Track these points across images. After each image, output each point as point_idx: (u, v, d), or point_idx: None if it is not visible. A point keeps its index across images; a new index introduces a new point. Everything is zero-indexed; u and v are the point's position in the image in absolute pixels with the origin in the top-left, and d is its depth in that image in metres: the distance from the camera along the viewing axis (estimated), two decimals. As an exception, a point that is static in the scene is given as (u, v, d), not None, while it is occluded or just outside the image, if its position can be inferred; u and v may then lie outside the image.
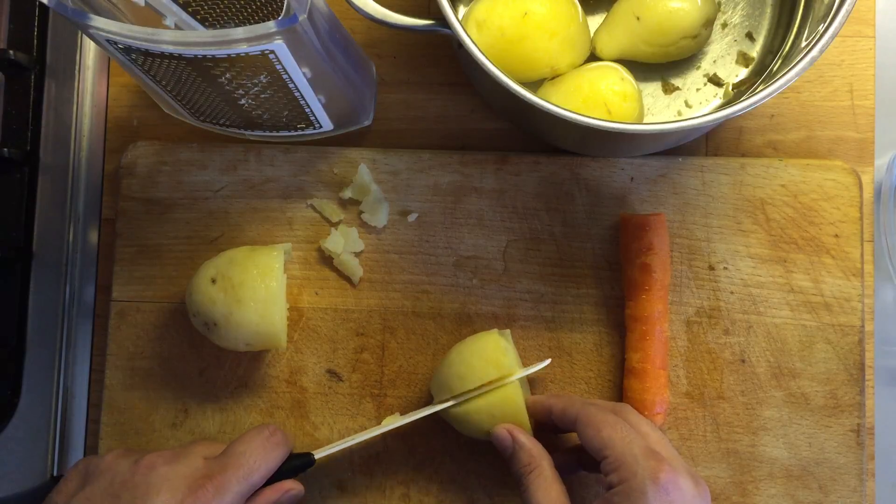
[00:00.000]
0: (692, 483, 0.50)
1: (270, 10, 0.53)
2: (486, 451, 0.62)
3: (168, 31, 0.46)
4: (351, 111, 0.62)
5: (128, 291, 0.64)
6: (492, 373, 0.56)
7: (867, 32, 0.66)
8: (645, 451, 0.50)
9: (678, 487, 0.49)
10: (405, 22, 0.56)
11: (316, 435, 0.62)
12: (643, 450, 0.50)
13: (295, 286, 0.64)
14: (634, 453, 0.50)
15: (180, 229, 0.64)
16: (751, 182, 0.63)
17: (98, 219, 0.67)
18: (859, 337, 0.62)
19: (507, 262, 0.63)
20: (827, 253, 0.63)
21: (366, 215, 0.64)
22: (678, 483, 0.49)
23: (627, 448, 0.50)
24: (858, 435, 0.61)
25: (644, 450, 0.50)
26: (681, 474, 0.49)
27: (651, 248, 0.60)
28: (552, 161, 0.64)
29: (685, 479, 0.50)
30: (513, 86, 0.52)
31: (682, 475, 0.50)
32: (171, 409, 0.63)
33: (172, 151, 0.65)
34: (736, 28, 0.65)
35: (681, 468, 0.50)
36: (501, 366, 0.56)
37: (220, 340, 0.59)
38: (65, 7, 0.46)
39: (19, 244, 0.65)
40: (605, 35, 0.62)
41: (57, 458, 0.64)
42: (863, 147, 0.65)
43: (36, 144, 0.67)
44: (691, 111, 0.64)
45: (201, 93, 0.55)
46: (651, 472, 0.49)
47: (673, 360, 0.62)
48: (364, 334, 0.63)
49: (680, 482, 0.49)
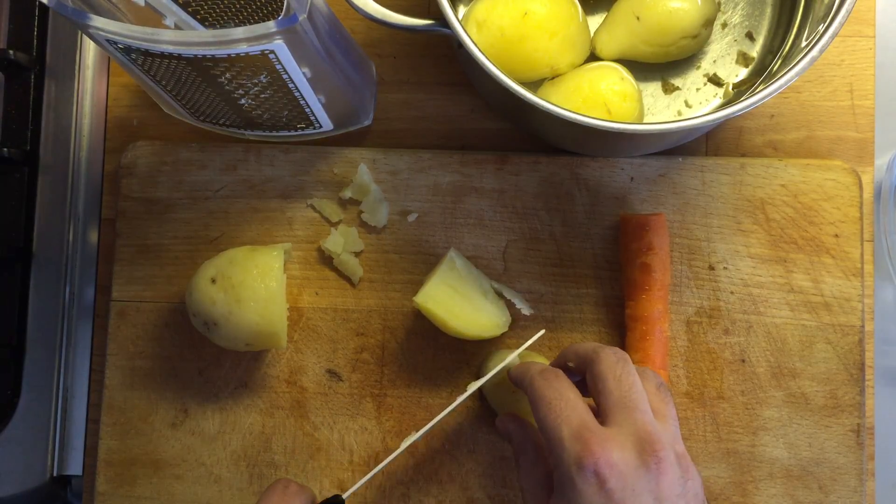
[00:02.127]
0: (634, 454, 0.44)
1: (270, 10, 0.53)
2: (486, 451, 0.62)
3: (168, 31, 0.46)
4: (351, 111, 0.62)
5: (128, 291, 0.64)
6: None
7: (867, 32, 0.66)
8: (573, 431, 0.45)
9: (609, 465, 0.43)
10: (405, 22, 0.56)
11: (316, 435, 0.62)
12: (571, 431, 0.45)
13: (295, 286, 0.64)
14: (562, 437, 0.45)
15: (180, 229, 0.64)
16: (751, 182, 0.63)
17: (98, 219, 0.67)
18: (859, 337, 0.62)
19: (507, 262, 0.63)
20: (827, 253, 0.63)
21: (366, 215, 0.64)
22: (609, 460, 0.43)
23: (556, 431, 0.46)
24: (858, 435, 0.61)
25: (573, 430, 0.45)
26: (613, 449, 0.44)
27: (651, 248, 0.60)
28: (552, 161, 0.64)
29: (621, 452, 0.44)
30: (513, 86, 0.52)
31: (617, 450, 0.44)
32: (171, 409, 0.63)
33: (172, 151, 0.65)
34: (736, 28, 0.65)
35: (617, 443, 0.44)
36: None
37: (220, 340, 0.59)
38: (65, 7, 0.46)
39: (19, 244, 0.65)
40: (605, 35, 0.62)
41: (57, 458, 0.64)
42: (863, 147, 0.65)
43: (36, 144, 0.67)
44: (691, 111, 0.64)
45: (201, 93, 0.55)
46: (576, 457, 0.44)
47: (673, 360, 0.62)
48: (364, 334, 0.63)
49: (613, 458, 0.44)
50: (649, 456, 0.44)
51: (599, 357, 0.49)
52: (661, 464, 0.44)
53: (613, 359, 0.49)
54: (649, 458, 0.44)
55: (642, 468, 0.44)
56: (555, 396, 0.48)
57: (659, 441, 0.45)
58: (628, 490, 0.43)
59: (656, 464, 0.44)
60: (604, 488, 0.43)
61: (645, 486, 0.44)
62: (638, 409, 0.46)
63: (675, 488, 0.44)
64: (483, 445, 0.62)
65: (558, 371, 0.50)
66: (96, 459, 0.62)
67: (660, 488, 0.44)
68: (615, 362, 0.49)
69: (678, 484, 0.45)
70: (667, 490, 0.44)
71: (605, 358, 0.49)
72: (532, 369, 0.51)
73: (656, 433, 0.45)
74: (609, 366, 0.48)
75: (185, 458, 0.62)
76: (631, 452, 0.44)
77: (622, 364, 0.49)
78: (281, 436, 0.62)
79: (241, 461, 0.62)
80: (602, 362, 0.49)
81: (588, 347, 0.51)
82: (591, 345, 0.51)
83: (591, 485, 0.43)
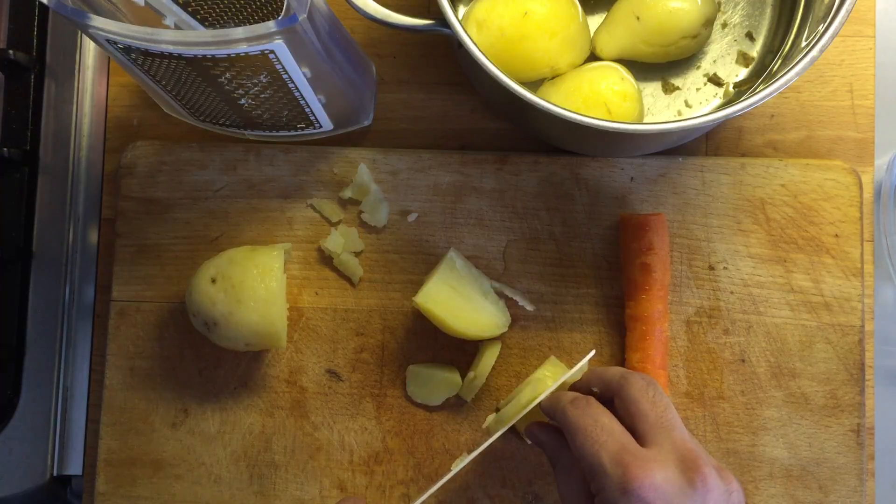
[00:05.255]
0: (678, 473, 0.45)
1: (270, 10, 0.53)
2: (486, 452, 0.62)
3: (168, 31, 0.46)
4: (351, 111, 0.62)
5: (128, 291, 0.64)
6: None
7: (867, 32, 0.66)
8: (613, 457, 0.45)
9: (654, 488, 0.44)
10: (405, 22, 0.56)
11: (316, 435, 0.62)
12: (612, 456, 0.45)
13: (295, 286, 0.64)
14: (602, 463, 0.45)
15: (180, 229, 0.64)
16: (751, 182, 0.63)
17: (98, 219, 0.67)
18: (859, 337, 0.62)
19: (507, 262, 0.63)
20: (827, 253, 0.63)
21: (366, 215, 0.64)
22: (654, 483, 0.44)
23: (596, 458, 0.46)
24: (858, 435, 0.61)
25: (613, 456, 0.45)
26: (657, 470, 0.44)
27: (651, 248, 0.60)
28: (552, 161, 0.64)
29: (665, 473, 0.44)
30: (513, 86, 0.52)
31: (660, 470, 0.44)
32: (171, 409, 0.63)
33: (172, 151, 0.65)
34: (736, 28, 0.65)
35: (659, 464, 0.45)
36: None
37: (220, 340, 0.59)
38: (65, 7, 0.46)
39: (19, 244, 0.65)
40: (605, 35, 0.62)
41: (57, 458, 0.64)
42: (863, 147, 0.65)
43: (36, 144, 0.67)
44: (691, 111, 0.64)
45: (201, 93, 0.55)
46: (619, 483, 0.44)
47: (673, 359, 0.62)
48: (364, 334, 0.63)
49: (656, 481, 0.44)
50: (694, 474, 0.44)
51: (629, 382, 0.50)
52: (707, 481, 0.44)
53: (643, 383, 0.49)
54: (695, 477, 0.44)
55: (688, 487, 0.44)
56: (590, 424, 0.48)
57: (701, 458, 0.45)
58: None
59: (702, 481, 0.44)
60: None
61: None
62: (676, 429, 0.47)
63: (720, 503, 0.45)
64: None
65: (590, 398, 0.50)
66: (96, 459, 0.62)
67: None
68: (646, 386, 0.49)
69: (723, 499, 0.45)
70: None
71: (636, 382, 0.49)
72: (563, 399, 0.51)
73: (697, 450, 0.46)
74: (641, 389, 0.49)
75: (185, 458, 0.62)
76: (675, 472, 0.45)
77: (653, 387, 0.49)
78: (281, 436, 0.62)
79: (241, 461, 0.62)
80: (633, 386, 0.49)
81: (615, 373, 0.51)
82: (618, 370, 0.52)
83: None
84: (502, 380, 0.62)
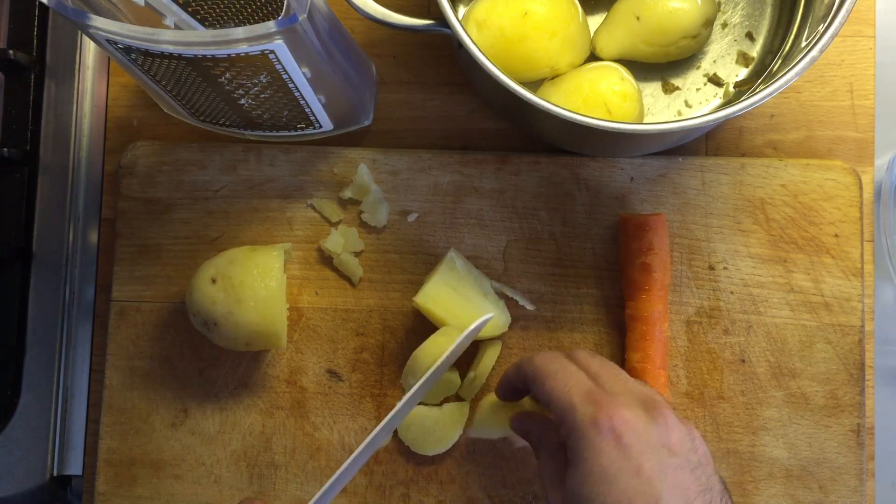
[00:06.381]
0: (642, 413, 0.46)
1: (270, 10, 0.53)
2: (486, 452, 0.62)
3: (168, 31, 0.46)
4: (351, 111, 0.62)
5: (128, 291, 0.64)
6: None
7: (867, 32, 0.66)
8: (584, 395, 0.47)
9: (625, 422, 0.45)
10: (405, 22, 0.56)
11: (316, 435, 0.62)
12: (582, 395, 0.47)
13: (295, 286, 0.64)
14: (573, 402, 0.47)
15: (180, 229, 0.64)
16: (751, 182, 0.63)
17: (98, 219, 0.67)
18: (859, 337, 0.62)
19: (507, 262, 0.63)
20: (827, 253, 0.63)
21: (366, 215, 0.64)
22: (623, 418, 0.45)
23: (566, 397, 0.47)
24: (858, 435, 0.61)
25: (583, 395, 0.47)
26: (624, 408, 0.45)
27: (651, 248, 0.60)
28: (552, 161, 0.64)
29: (632, 411, 0.45)
30: (513, 86, 0.52)
31: (627, 408, 0.45)
32: (171, 409, 0.63)
33: (172, 151, 0.65)
34: (736, 28, 0.65)
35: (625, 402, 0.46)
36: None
37: (220, 340, 0.59)
38: (65, 7, 0.46)
39: (19, 244, 0.65)
40: (605, 35, 0.62)
41: (57, 458, 0.64)
42: (863, 147, 0.65)
43: (36, 144, 0.67)
44: (691, 111, 0.64)
45: (201, 93, 0.55)
46: (590, 417, 0.45)
47: (673, 360, 0.62)
48: (364, 334, 0.63)
49: (626, 416, 0.45)
50: (656, 412, 0.46)
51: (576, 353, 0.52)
52: (668, 419, 0.46)
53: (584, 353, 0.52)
54: (657, 415, 0.46)
55: (652, 423, 0.46)
56: (559, 368, 0.49)
57: (659, 401, 0.47)
58: (643, 444, 0.45)
59: (663, 419, 0.46)
60: (620, 443, 0.45)
61: (658, 440, 0.45)
62: (630, 380, 0.49)
63: (685, 443, 0.46)
64: (483, 445, 0.62)
65: (555, 351, 0.52)
66: (96, 459, 0.62)
67: (671, 442, 0.45)
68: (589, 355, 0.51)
69: (687, 439, 0.46)
70: (678, 444, 0.46)
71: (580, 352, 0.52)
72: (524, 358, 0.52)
73: (655, 395, 0.48)
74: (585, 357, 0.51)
75: (185, 458, 0.62)
76: (639, 410, 0.46)
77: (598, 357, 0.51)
78: (281, 436, 0.62)
79: (241, 461, 0.62)
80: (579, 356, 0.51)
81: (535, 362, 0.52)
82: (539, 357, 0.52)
83: (608, 441, 0.45)
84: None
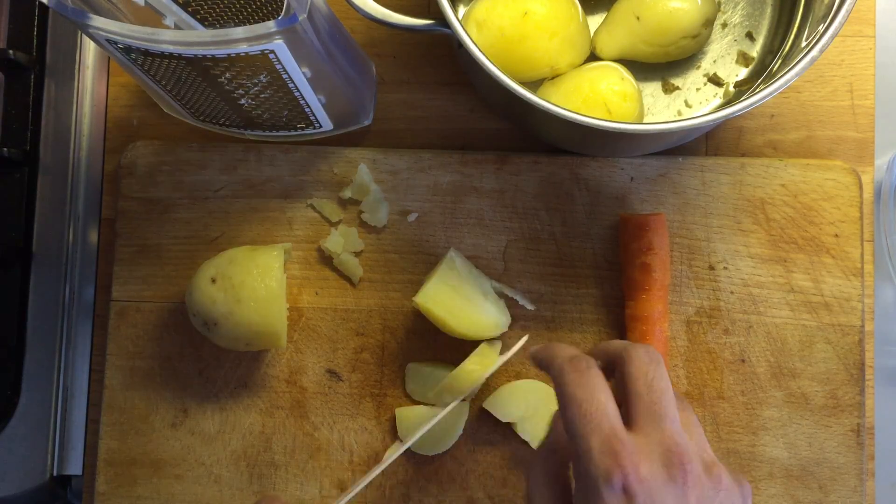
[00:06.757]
0: (660, 468, 0.43)
1: (270, 10, 0.53)
2: (487, 451, 0.62)
3: (168, 31, 0.46)
4: (351, 111, 0.62)
5: (128, 291, 0.64)
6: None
7: (867, 32, 0.66)
8: (603, 442, 0.43)
9: (639, 481, 0.42)
10: (405, 22, 0.56)
11: (316, 435, 0.62)
12: (601, 441, 0.43)
13: (295, 286, 0.64)
14: (590, 447, 0.43)
15: (180, 229, 0.64)
16: (751, 182, 0.63)
17: (98, 219, 0.67)
18: (859, 337, 0.62)
19: (507, 262, 0.63)
20: (827, 253, 0.63)
21: (366, 215, 0.64)
22: (638, 475, 0.42)
23: (585, 438, 0.43)
24: (858, 435, 0.61)
25: (602, 441, 0.43)
26: (641, 461, 0.42)
27: (651, 248, 0.60)
28: (552, 161, 0.64)
29: (649, 464, 0.43)
30: (513, 86, 0.52)
31: (645, 461, 0.43)
32: (171, 409, 0.63)
33: (172, 151, 0.65)
34: (736, 28, 0.65)
35: (644, 452, 0.43)
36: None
37: (220, 340, 0.59)
38: (65, 7, 0.46)
39: (19, 244, 0.65)
40: (605, 35, 0.62)
41: (57, 458, 0.64)
42: (863, 147, 0.65)
43: (36, 144, 0.67)
44: (691, 111, 0.64)
45: (201, 93, 0.55)
46: (605, 472, 0.42)
47: (673, 359, 0.62)
48: (364, 334, 0.63)
49: (641, 472, 0.42)
50: (676, 469, 0.43)
51: (630, 357, 0.47)
52: (688, 477, 0.43)
53: (646, 360, 0.46)
54: (676, 472, 0.43)
55: (670, 483, 0.43)
56: (586, 398, 0.45)
57: (686, 454, 0.44)
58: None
59: (682, 477, 0.43)
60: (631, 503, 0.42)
61: (672, 501, 0.43)
62: (667, 418, 0.45)
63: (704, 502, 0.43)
64: (483, 445, 0.62)
65: (590, 360, 0.47)
66: (96, 459, 0.62)
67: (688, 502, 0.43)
68: (647, 364, 0.46)
69: (708, 497, 0.44)
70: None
71: (637, 358, 0.46)
72: (561, 354, 0.47)
73: (684, 445, 0.44)
74: (640, 367, 0.46)
75: (185, 458, 0.62)
76: (658, 466, 0.43)
77: (654, 367, 0.46)
78: (281, 436, 0.62)
79: (241, 461, 0.62)
80: (633, 363, 0.46)
81: (618, 346, 0.48)
82: (621, 343, 0.49)
83: (618, 499, 0.42)
84: (502, 380, 0.62)
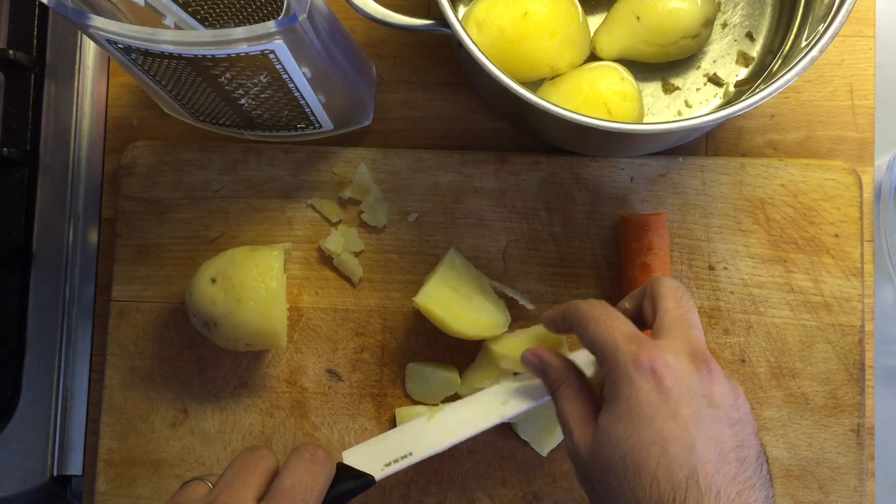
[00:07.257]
0: (687, 361, 0.45)
1: (270, 10, 0.53)
2: (486, 451, 0.62)
3: (168, 31, 0.46)
4: (351, 111, 0.62)
5: (128, 291, 0.64)
6: None
7: (867, 32, 0.66)
8: (627, 336, 0.46)
9: (666, 364, 0.44)
10: (405, 22, 0.56)
11: (316, 435, 0.62)
12: (625, 335, 0.46)
13: (295, 286, 0.64)
14: (616, 340, 0.46)
15: (180, 229, 0.64)
16: (751, 182, 0.63)
17: (98, 219, 0.67)
18: (859, 337, 0.62)
19: (507, 262, 0.63)
20: (827, 253, 0.63)
21: (366, 215, 0.64)
22: (665, 360, 0.44)
23: (609, 337, 0.47)
24: (858, 435, 0.61)
25: (626, 335, 0.46)
26: (667, 352, 0.45)
27: (651, 248, 0.60)
28: (552, 161, 0.64)
29: (675, 356, 0.45)
30: (513, 86, 0.52)
31: (671, 353, 0.45)
32: (171, 409, 0.63)
33: (172, 151, 0.65)
34: (736, 28, 0.65)
35: (670, 348, 0.45)
36: None
37: (220, 340, 0.59)
38: (65, 7, 0.46)
39: (19, 244, 0.65)
40: (605, 35, 0.62)
41: (57, 458, 0.64)
42: (863, 147, 0.65)
43: (36, 144, 0.67)
44: (691, 111, 0.64)
45: (201, 93, 0.55)
46: (632, 356, 0.45)
47: (673, 360, 0.62)
48: (364, 334, 0.63)
49: (668, 359, 0.44)
50: (702, 364, 0.45)
51: (660, 280, 0.50)
52: (713, 373, 0.45)
53: (673, 283, 0.50)
54: (702, 366, 0.45)
55: (695, 373, 0.45)
56: (603, 313, 0.49)
57: (710, 355, 0.46)
58: (684, 390, 0.44)
59: (708, 372, 0.45)
60: (660, 385, 0.44)
61: (699, 390, 0.44)
62: (693, 328, 0.48)
63: (727, 398, 0.45)
64: (483, 445, 0.62)
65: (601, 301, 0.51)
66: (96, 459, 0.62)
67: (713, 394, 0.44)
68: (676, 286, 0.50)
69: (730, 395, 0.45)
70: (720, 398, 0.44)
71: (666, 281, 0.50)
72: (573, 304, 0.51)
73: (707, 350, 0.46)
74: (669, 287, 0.50)
75: (185, 458, 0.62)
76: (684, 359, 0.45)
77: (682, 290, 0.50)
78: (281, 436, 0.62)
79: (241, 461, 0.62)
80: (662, 284, 0.50)
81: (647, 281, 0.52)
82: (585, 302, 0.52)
83: (648, 381, 0.44)
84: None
